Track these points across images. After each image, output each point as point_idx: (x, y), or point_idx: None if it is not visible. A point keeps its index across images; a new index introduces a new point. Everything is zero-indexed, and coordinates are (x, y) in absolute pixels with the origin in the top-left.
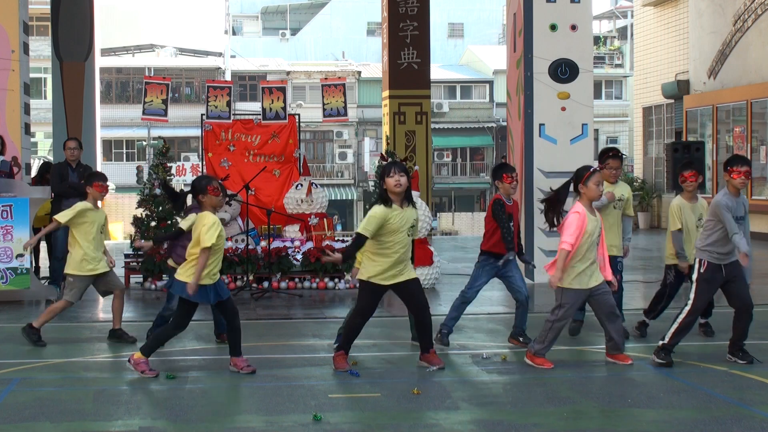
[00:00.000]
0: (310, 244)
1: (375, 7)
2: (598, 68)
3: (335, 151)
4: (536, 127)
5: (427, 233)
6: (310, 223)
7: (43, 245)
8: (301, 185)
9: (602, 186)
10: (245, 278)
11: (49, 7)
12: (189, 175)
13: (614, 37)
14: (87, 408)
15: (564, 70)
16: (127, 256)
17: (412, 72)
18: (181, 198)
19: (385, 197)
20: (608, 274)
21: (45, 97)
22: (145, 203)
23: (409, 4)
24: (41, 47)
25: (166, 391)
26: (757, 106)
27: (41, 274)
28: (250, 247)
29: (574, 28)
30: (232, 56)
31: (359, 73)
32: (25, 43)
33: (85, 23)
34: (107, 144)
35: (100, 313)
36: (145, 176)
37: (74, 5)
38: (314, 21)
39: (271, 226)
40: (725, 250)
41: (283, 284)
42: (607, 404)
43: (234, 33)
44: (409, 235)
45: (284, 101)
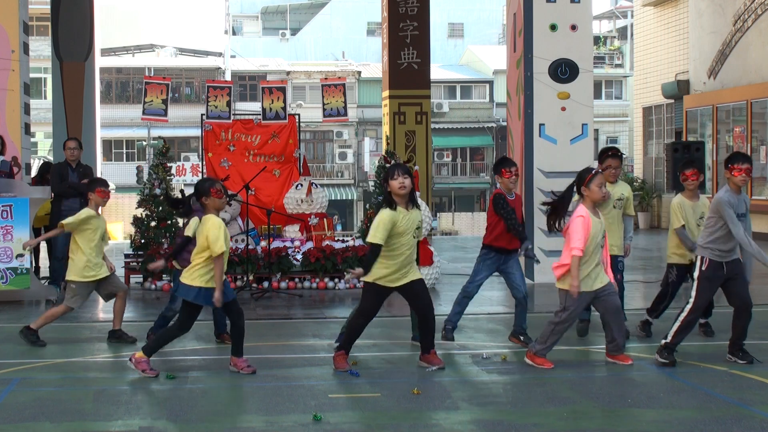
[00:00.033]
0: (310, 244)
1: (375, 7)
2: (598, 68)
3: (335, 151)
4: (536, 127)
5: (427, 233)
6: (310, 223)
7: (43, 245)
8: (301, 185)
9: (605, 188)
10: (245, 278)
11: (49, 7)
12: (189, 175)
13: (614, 37)
14: (87, 408)
15: (564, 70)
16: (127, 256)
17: (412, 72)
18: (184, 203)
19: (389, 200)
20: (609, 276)
21: (45, 97)
22: (145, 203)
23: (409, 4)
24: (41, 47)
25: (166, 391)
26: (757, 106)
27: (41, 274)
28: (250, 247)
29: (574, 28)
30: (232, 56)
31: (359, 73)
32: (25, 43)
33: (85, 23)
34: (107, 144)
35: (100, 313)
36: (145, 176)
37: (74, 5)
38: (314, 21)
39: (271, 226)
40: (727, 247)
41: (283, 284)
42: (607, 404)
43: (234, 33)
44: (414, 236)
45: (284, 101)
